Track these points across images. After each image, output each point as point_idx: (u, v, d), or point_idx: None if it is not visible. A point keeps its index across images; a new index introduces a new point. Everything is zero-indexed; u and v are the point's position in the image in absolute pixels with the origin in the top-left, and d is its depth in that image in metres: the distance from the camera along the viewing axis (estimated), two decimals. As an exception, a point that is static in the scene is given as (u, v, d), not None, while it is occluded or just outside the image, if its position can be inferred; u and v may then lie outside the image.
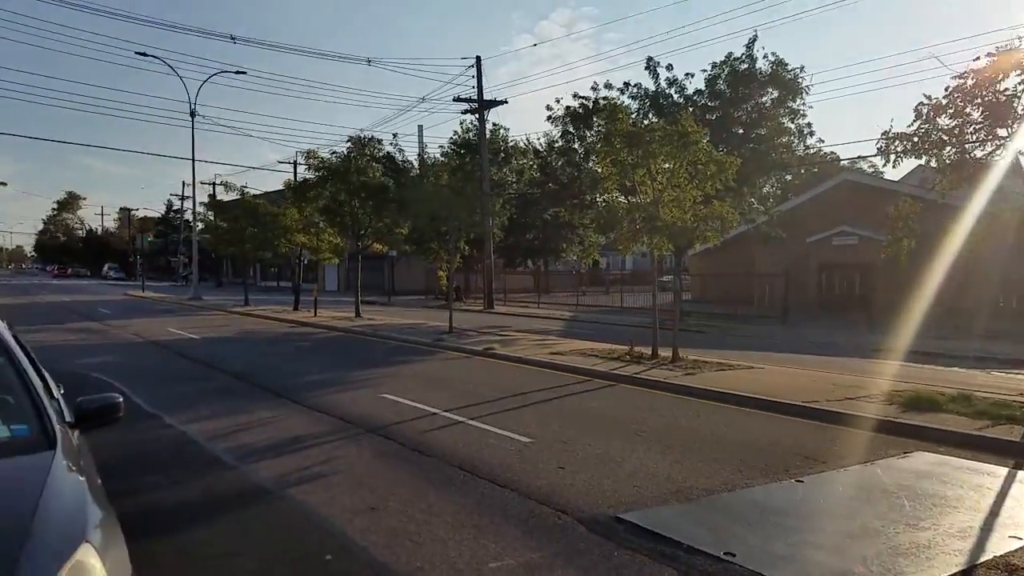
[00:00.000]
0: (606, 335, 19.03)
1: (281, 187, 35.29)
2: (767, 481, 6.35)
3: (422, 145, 44.78)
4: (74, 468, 3.08)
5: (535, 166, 42.83)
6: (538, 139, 42.63)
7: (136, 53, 35.96)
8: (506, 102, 32.26)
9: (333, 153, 26.21)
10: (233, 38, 71.57)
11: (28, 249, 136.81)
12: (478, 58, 31.99)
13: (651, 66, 23.09)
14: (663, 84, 23.18)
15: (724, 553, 4.62)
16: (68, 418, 3.71)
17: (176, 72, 62.57)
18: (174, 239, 74.61)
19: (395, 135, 67.33)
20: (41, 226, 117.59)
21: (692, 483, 6.25)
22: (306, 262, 31.97)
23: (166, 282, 66.47)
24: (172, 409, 9.22)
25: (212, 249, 41.57)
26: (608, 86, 24.85)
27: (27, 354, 3.84)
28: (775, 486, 6.23)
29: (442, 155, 36.86)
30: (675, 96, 23.22)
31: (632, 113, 20.87)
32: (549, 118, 36.03)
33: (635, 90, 23.70)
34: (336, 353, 16.06)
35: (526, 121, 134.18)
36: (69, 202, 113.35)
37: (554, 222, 42.91)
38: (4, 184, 58.47)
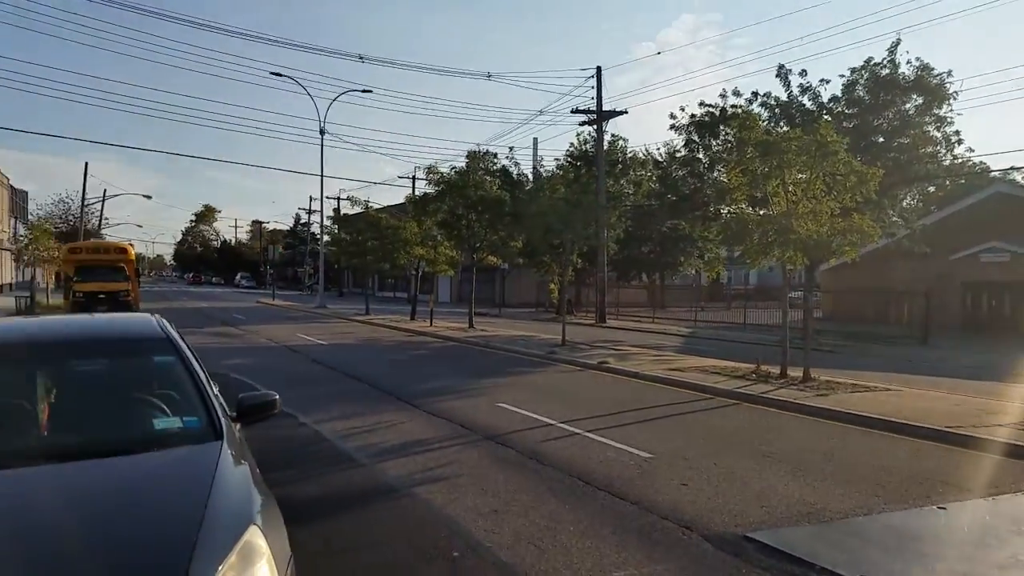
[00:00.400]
0: (728, 353, 18.53)
1: (402, 201, 36.77)
2: (906, 507, 6.04)
3: (537, 158, 45.44)
4: (238, 457, 3.39)
5: (654, 177, 42.35)
6: (658, 149, 42.10)
7: (271, 74, 38.69)
8: (625, 112, 32.49)
9: (452, 168, 27.10)
10: (361, 58, 75.68)
11: (168, 258, 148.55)
12: (598, 69, 32.14)
13: (782, 72, 22.39)
14: (795, 91, 22.41)
15: (859, 576, 4.46)
16: (230, 412, 4.05)
17: (307, 91, 66.57)
18: (301, 251, 79.17)
19: (511, 148, 68.65)
20: (180, 237, 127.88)
21: (825, 505, 6.04)
22: (422, 274, 33.13)
23: (293, 291, 70.60)
24: (305, 409, 9.86)
25: (336, 260, 43.83)
26: (736, 93, 24.15)
27: (192, 354, 4.24)
28: (915, 512, 5.92)
29: (558, 167, 37.16)
30: (808, 104, 22.39)
31: (763, 121, 20.30)
32: (672, 127, 35.58)
33: (764, 98, 23.06)
34: (452, 362, 16.55)
35: (646, 131, 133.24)
36: (206, 214, 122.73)
37: (672, 235, 42.21)
38: (149, 197, 64.18)
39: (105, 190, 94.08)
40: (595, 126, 33.02)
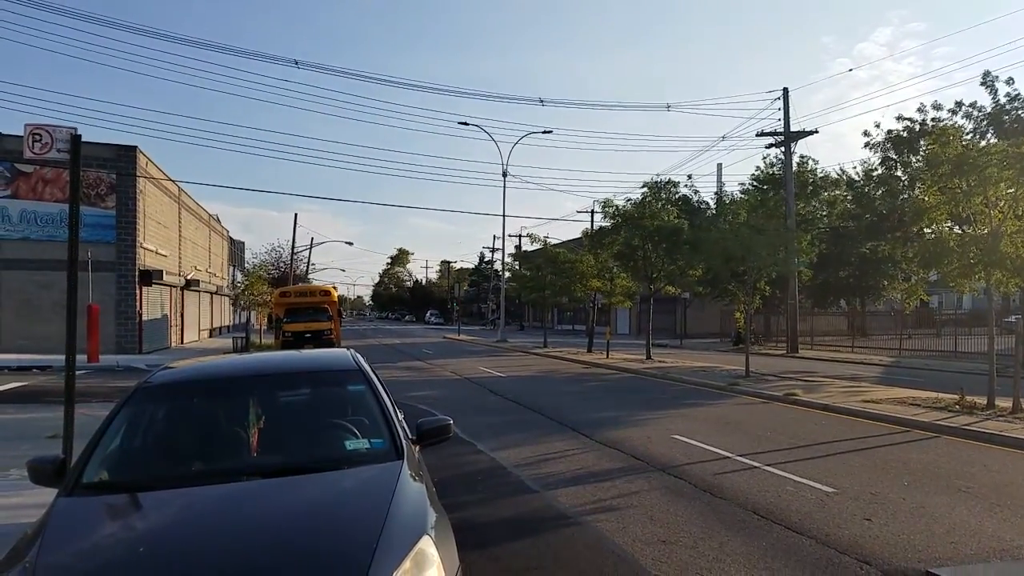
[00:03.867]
0: (932, 383, 16.87)
1: (579, 235, 37.47)
2: None
3: (720, 184, 44.38)
4: (416, 476, 3.80)
5: (849, 197, 39.67)
6: (853, 167, 39.52)
7: (459, 123, 41.32)
8: (816, 132, 30.65)
9: (628, 200, 27.29)
10: (542, 101, 78.21)
11: (366, 298, 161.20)
12: (785, 90, 31.01)
13: (988, 81, 20.41)
14: (1002, 100, 20.30)
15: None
16: (410, 435, 4.51)
17: (491, 137, 70.23)
18: (485, 287, 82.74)
19: (689, 176, 67.24)
20: (377, 279, 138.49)
21: (1021, 543, 5.46)
22: (599, 306, 33.37)
23: (476, 326, 73.81)
24: (483, 437, 10.42)
25: (516, 295, 45.38)
26: (937, 107, 22.29)
27: (381, 383, 4.75)
28: None
29: (742, 192, 36.04)
30: (1021, 112, 20.16)
31: (967, 134, 18.56)
32: (867, 144, 33.48)
33: (969, 108, 21.10)
34: (627, 393, 16.56)
35: (839, 150, 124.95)
36: (400, 257, 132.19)
37: (872, 257, 39.12)
38: (350, 244, 70.81)
39: (312, 238, 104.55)
40: (782, 148, 31.74)
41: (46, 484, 3.78)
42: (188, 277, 38.64)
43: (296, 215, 61.06)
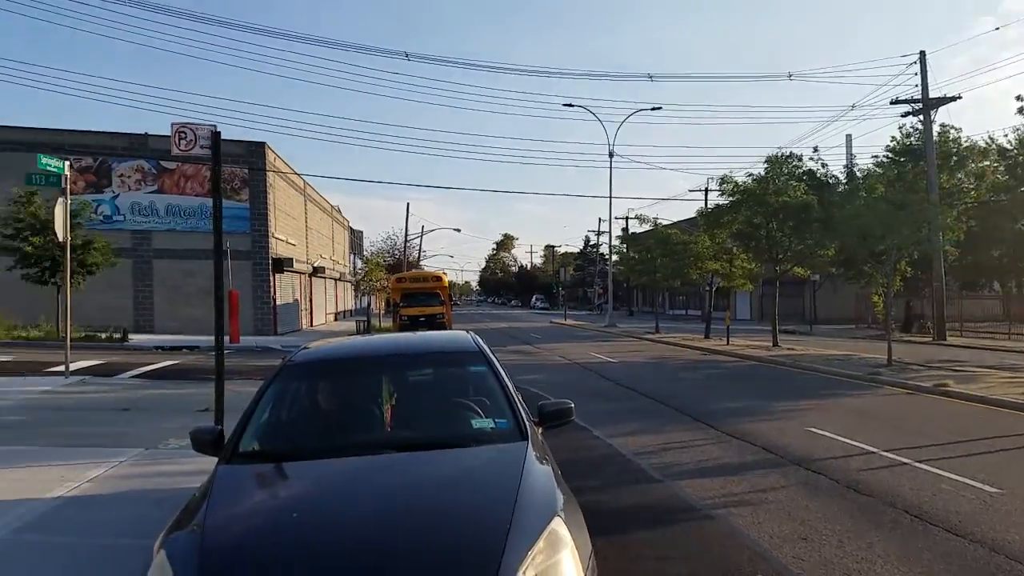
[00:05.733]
0: (1114, 376, 15.38)
1: (693, 215, 36.57)
2: None
3: (850, 156, 42.07)
4: (541, 456, 3.87)
5: (1000, 168, 36.65)
6: (1004, 136, 36.44)
7: (564, 105, 41.14)
8: (958, 98, 28.55)
9: (749, 176, 26.29)
10: (651, 77, 76.72)
11: (473, 284, 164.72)
12: (922, 53, 28.96)
13: None
14: None
15: None
16: (532, 417, 4.60)
17: (597, 117, 69.27)
18: (590, 271, 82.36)
19: (815, 148, 63.75)
20: (483, 264, 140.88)
21: None
22: (716, 289, 32.46)
23: (583, 311, 73.75)
24: (598, 423, 10.37)
25: (624, 279, 44.92)
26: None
27: (500, 365, 4.91)
28: None
29: (876, 165, 33.97)
30: None
31: None
32: (1020, 110, 30.86)
33: None
34: (751, 382, 16.04)
35: (985, 117, 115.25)
36: (505, 243, 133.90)
37: (1031, 233, 36.04)
38: (459, 231, 71.94)
39: (423, 226, 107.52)
40: (920, 116, 29.66)
41: (205, 452, 4.17)
42: (315, 265, 41.69)
43: (408, 204, 62.73)
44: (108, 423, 10.22)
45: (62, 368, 14.70)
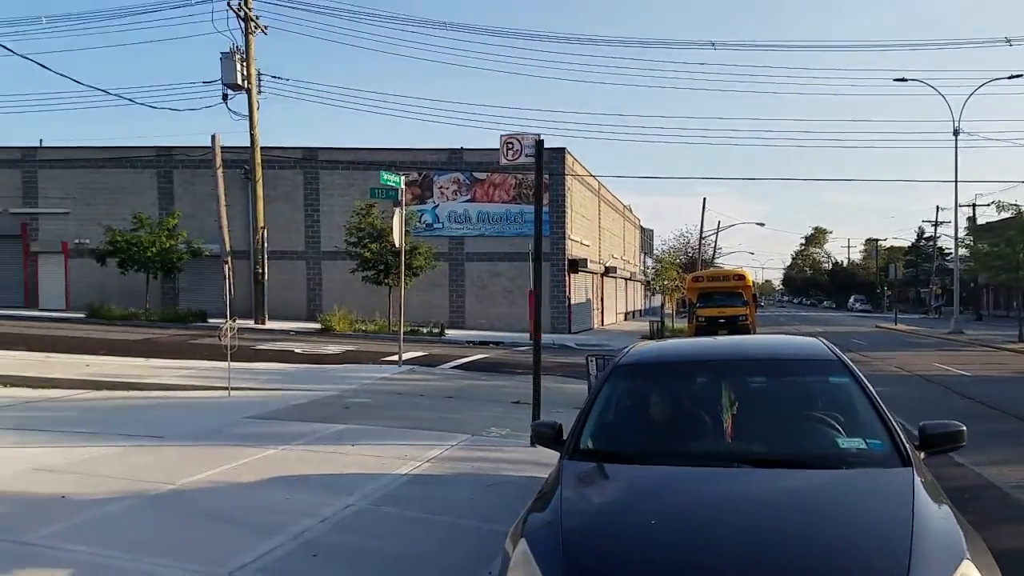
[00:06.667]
0: None
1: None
2: None
3: None
4: (932, 486, 3.37)
5: None
6: None
7: (895, 80, 36.89)
8: None
9: None
10: (1008, 40, 65.87)
11: (775, 282, 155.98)
12: None
13: None
14: None
15: None
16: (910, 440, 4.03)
17: (938, 91, 60.94)
18: (925, 268, 73.35)
19: None
20: (788, 261, 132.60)
21: None
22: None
23: (914, 314, 65.79)
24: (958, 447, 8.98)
25: (971, 278, 39.13)
26: None
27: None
28: None
29: None
30: None
31: None
32: None
33: None
34: None
35: None
36: (815, 237, 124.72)
37: None
38: (762, 225, 68.29)
39: (719, 221, 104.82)
40: None
41: (546, 446, 4.28)
42: (607, 265, 42.95)
43: (704, 199, 61.01)
44: (436, 408, 11.26)
45: (395, 358, 16.72)
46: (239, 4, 26.71)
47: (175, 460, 7.34)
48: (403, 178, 16.66)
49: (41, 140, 42.70)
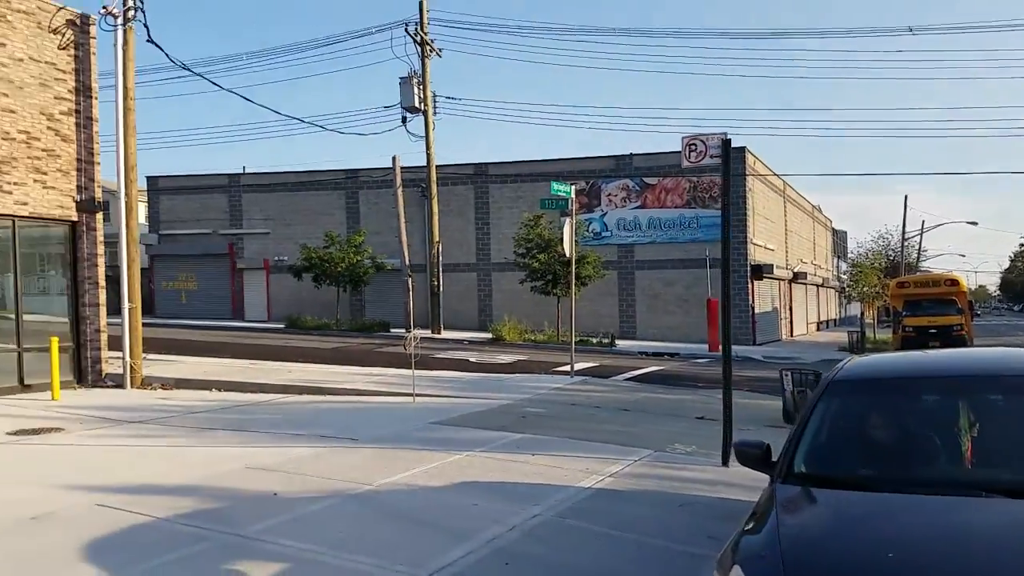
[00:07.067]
0: None
1: None
2: None
3: None
4: None
5: None
6: None
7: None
8: None
9: None
10: None
11: (991, 288, 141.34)
12: None
13: None
14: None
15: None
16: None
17: None
18: None
19: None
20: (1006, 263, 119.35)
21: None
22: None
23: None
24: None
25: None
26: None
27: None
28: None
29: None
30: None
31: None
32: None
33: None
34: None
35: None
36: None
37: None
38: (975, 224, 60.68)
39: (923, 221, 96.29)
40: None
41: (752, 467, 4.04)
42: (795, 270, 40.67)
43: (906, 197, 55.79)
44: (613, 421, 11.15)
45: (567, 368, 16.74)
46: (415, 30, 28.15)
47: (370, 461, 7.77)
48: (573, 188, 16.79)
49: (244, 167, 47.20)
